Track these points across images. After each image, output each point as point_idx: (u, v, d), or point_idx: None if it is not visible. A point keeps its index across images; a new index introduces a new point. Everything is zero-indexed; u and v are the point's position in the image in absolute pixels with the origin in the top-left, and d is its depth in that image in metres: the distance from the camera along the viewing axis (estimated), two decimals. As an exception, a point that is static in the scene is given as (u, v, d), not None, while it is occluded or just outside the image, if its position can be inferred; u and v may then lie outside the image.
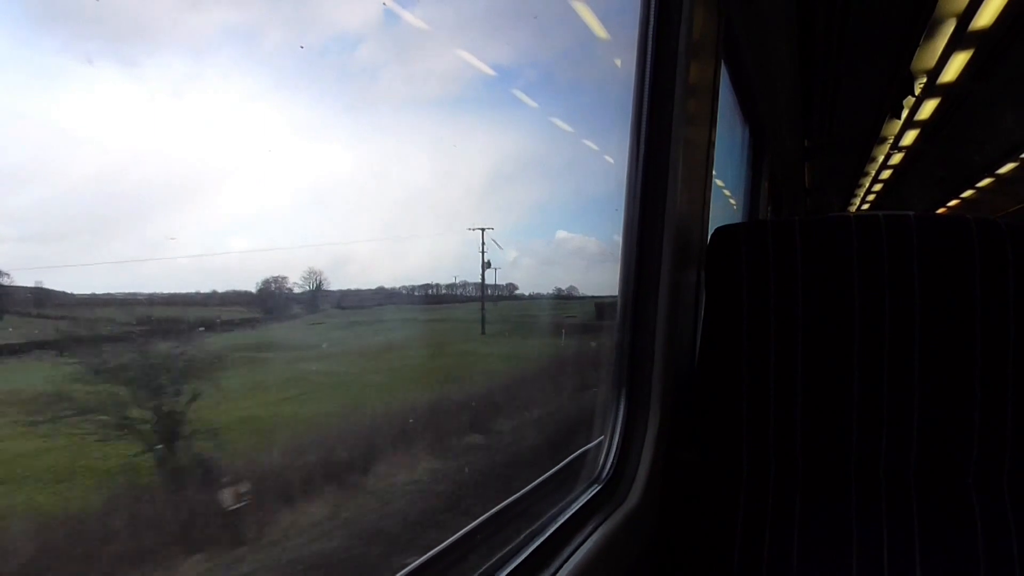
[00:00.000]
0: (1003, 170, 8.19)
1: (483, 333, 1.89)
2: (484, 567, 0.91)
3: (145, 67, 0.69)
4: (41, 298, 0.81)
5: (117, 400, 0.92)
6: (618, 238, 1.26)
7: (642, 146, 1.23)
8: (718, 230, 1.17)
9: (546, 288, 1.98)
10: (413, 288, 1.52)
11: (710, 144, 1.47)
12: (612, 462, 1.18)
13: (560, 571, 0.93)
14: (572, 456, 1.26)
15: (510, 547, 0.95)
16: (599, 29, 1.47)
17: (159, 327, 0.95)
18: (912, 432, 1.06)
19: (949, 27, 3.86)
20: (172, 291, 0.90)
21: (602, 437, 1.23)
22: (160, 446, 0.95)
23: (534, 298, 1.95)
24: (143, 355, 0.94)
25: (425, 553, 1.04)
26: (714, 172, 1.54)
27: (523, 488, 1.26)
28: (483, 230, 1.58)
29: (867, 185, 9.82)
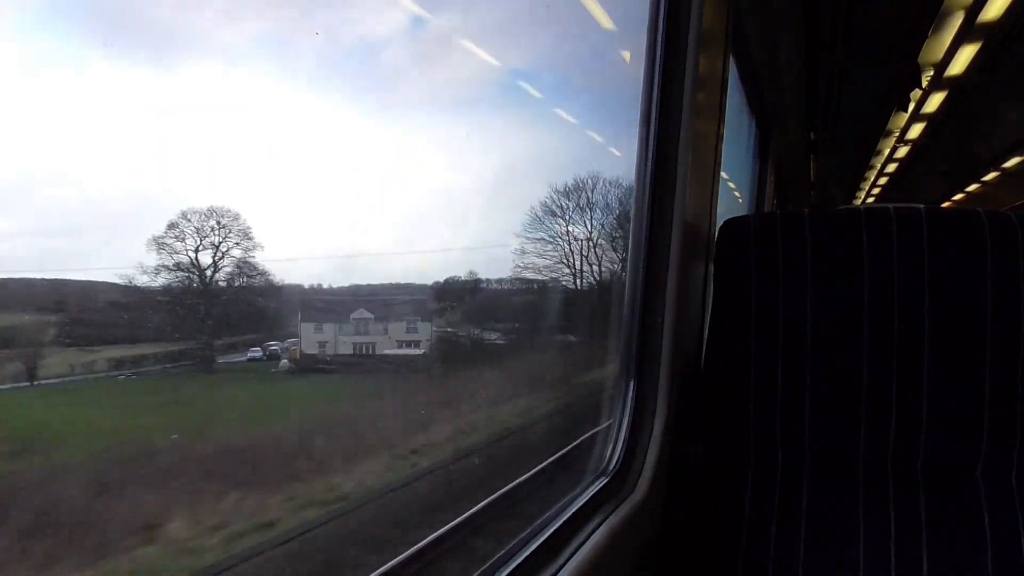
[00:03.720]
0: (1009, 164, 8.14)
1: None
2: (494, 558, 0.91)
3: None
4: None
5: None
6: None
7: (651, 138, 1.22)
8: (727, 222, 1.17)
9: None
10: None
11: (718, 137, 1.47)
12: (619, 455, 1.18)
13: (568, 563, 0.94)
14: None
15: (519, 538, 0.96)
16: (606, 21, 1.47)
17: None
18: (921, 424, 1.06)
19: (957, 19, 3.83)
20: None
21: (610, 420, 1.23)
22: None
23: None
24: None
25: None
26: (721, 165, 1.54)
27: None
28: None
29: (872, 179, 9.78)
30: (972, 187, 9.85)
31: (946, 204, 10.51)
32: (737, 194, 3.55)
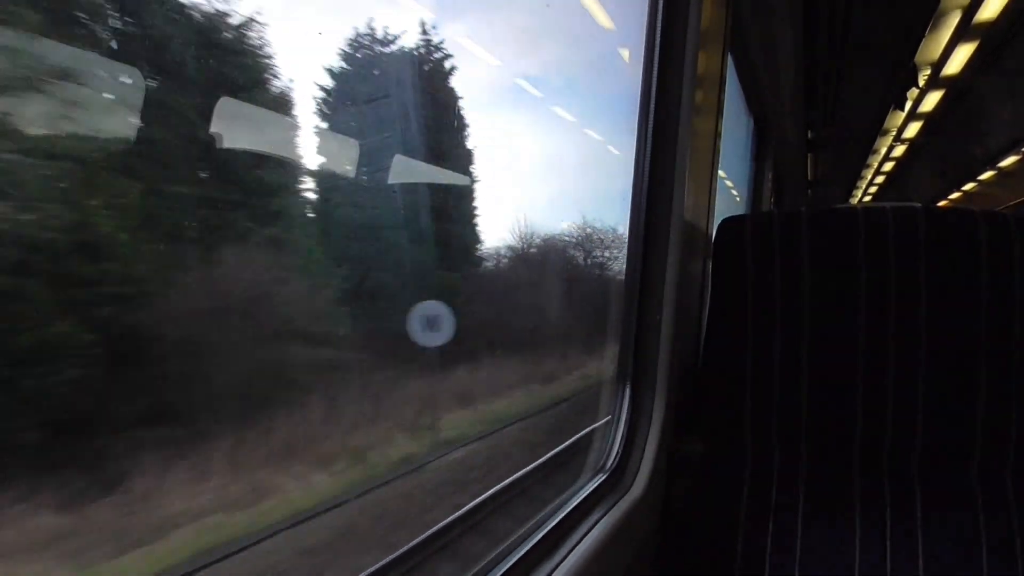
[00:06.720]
0: (1005, 163, 8.16)
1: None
2: (491, 555, 0.91)
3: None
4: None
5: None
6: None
7: (649, 136, 1.22)
8: (724, 221, 1.17)
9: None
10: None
11: (716, 135, 1.47)
12: (617, 452, 1.19)
13: (567, 559, 0.94)
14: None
15: (515, 536, 0.96)
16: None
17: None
18: (916, 421, 1.07)
19: (954, 19, 3.85)
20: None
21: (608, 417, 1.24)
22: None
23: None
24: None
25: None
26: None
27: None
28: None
29: (869, 177, 9.81)
30: (969, 186, 9.87)
31: (943, 203, 10.54)
32: (735, 193, 3.56)
